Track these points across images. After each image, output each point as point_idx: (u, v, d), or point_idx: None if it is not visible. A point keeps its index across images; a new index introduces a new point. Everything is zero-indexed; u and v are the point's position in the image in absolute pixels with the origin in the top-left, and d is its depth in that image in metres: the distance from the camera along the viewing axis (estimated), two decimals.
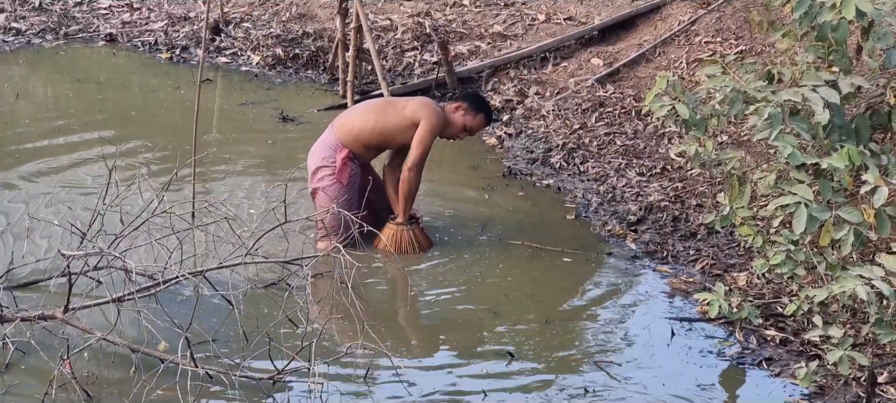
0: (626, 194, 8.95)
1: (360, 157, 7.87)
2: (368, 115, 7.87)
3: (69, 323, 6.25)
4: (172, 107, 11.18)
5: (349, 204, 7.62)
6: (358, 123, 7.83)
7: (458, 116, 7.89)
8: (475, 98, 8.14)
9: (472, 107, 7.92)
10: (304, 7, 13.26)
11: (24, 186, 8.80)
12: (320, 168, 7.82)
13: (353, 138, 7.81)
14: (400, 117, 7.78)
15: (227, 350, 6.37)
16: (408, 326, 7.25)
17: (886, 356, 6.44)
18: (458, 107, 7.90)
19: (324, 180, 7.80)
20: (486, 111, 8.03)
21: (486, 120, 8.04)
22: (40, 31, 13.38)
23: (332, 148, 7.81)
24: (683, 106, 6.40)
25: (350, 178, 7.80)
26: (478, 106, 7.97)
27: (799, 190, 5.90)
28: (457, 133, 7.95)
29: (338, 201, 7.57)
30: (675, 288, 7.55)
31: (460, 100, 8.01)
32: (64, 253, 6.24)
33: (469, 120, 7.91)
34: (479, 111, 7.94)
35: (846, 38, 6.25)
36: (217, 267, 6.52)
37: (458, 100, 8.03)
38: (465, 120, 7.90)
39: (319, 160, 7.83)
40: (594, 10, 12.29)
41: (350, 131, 7.82)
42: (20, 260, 7.25)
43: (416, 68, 11.93)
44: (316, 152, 7.90)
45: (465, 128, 7.94)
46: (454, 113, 7.88)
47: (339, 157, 7.77)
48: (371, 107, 8.02)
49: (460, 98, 8.11)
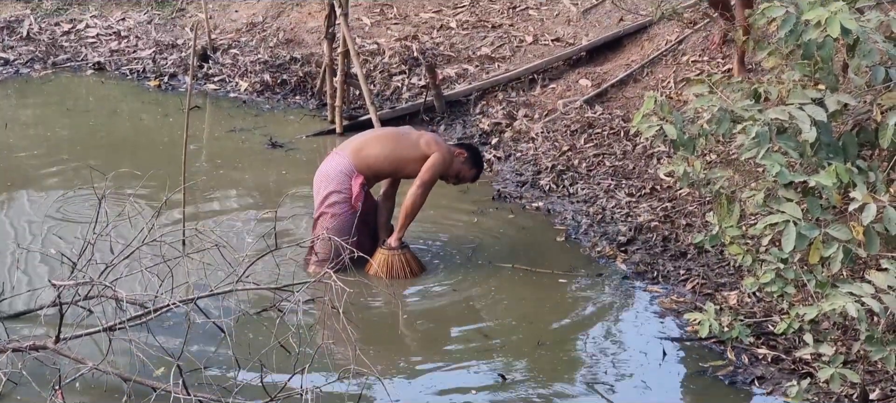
0: (615, 215, 8.96)
1: (369, 184, 7.94)
2: (386, 144, 7.96)
3: (61, 353, 6.24)
4: (161, 135, 11.18)
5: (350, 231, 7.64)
6: (373, 150, 7.90)
7: (458, 163, 8.03)
8: (476, 153, 8.30)
9: (471, 160, 8.11)
10: (292, 32, 13.27)
11: (14, 216, 8.79)
12: (333, 193, 7.81)
13: (367, 165, 7.86)
14: (414, 148, 7.88)
15: (219, 374, 6.37)
16: (400, 350, 7.24)
17: (878, 372, 6.45)
18: (461, 154, 8.05)
19: (335, 206, 7.81)
20: (480, 168, 8.26)
21: (476, 176, 8.24)
22: (29, 60, 13.37)
23: (347, 174, 7.82)
24: (671, 126, 6.41)
25: (363, 206, 7.85)
26: (475, 161, 8.16)
27: (787, 208, 5.92)
28: (453, 175, 8.08)
29: (344, 227, 7.66)
30: (666, 307, 7.56)
31: (464, 148, 8.18)
32: (55, 283, 6.23)
33: (464, 170, 8.08)
34: (474, 166, 8.13)
35: (832, 55, 6.26)
36: (208, 295, 6.51)
37: (463, 147, 8.21)
38: (461, 168, 8.05)
39: (334, 185, 7.82)
40: (582, 31, 12.33)
41: (366, 158, 7.86)
42: (10, 290, 7.23)
43: (405, 92, 11.95)
44: (328, 177, 7.87)
45: (458, 176, 8.08)
46: (456, 157, 8.01)
47: (355, 184, 7.80)
48: (387, 136, 8.13)
49: (465, 147, 8.26)
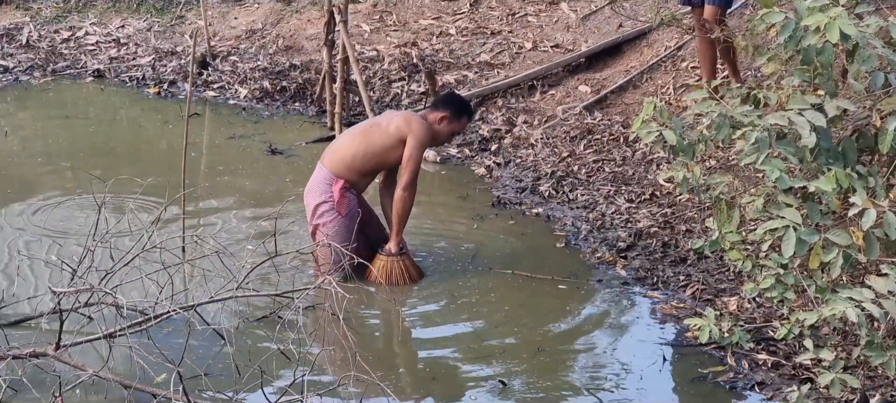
0: (615, 221, 8.97)
1: (356, 186, 7.83)
2: (354, 141, 7.84)
3: (61, 360, 6.24)
4: (161, 142, 11.19)
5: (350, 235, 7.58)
6: (347, 151, 7.79)
7: (444, 126, 7.91)
8: (453, 103, 8.10)
9: (454, 113, 7.94)
10: (291, 39, 13.29)
11: (14, 223, 8.79)
12: (319, 204, 7.74)
13: (345, 167, 7.76)
14: (386, 136, 7.76)
15: (220, 380, 6.37)
16: (400, 356, 7.25)
17: (878, 378, 6.45)
18: (442, 117, 7.90)
19: (324, 216, 7.74)
20: (468, 111, 8.12)
21: (469, 118, 8.14)
22: (28, 68, 13.39)
23: (328, 182, 7.75)
24: (671, 131, 6.41)
25: (349, 210, 7.74)
26: (459, 110, 7.99)
27: (787, 213, 5.92)
28: (445, 140, 8.00)
29: (339, 235, 7.58)
30: (666, 313, 7.56)
31: (441, 108, 7.98)
32: (55, 290, 6.23)
33: (453, 126, 7.95)
34: (461, 115, 7.98)
35: (831, 61, 6.26)
36: (208, 302, 6.51)
37: (439, 108, 8.00)
38: (451, 127, 7.94)
39: (318, 197, 7.76)
40: (581, 38, 12.33)
41: (342, 160, 7.77)
42: (10, 297, 7.24)
43: (404, 98, 11.95)
44: (312, 191, 7.82)
45: (451, 135, 8.03)
46: (439, 124, 7.90)
47: (335, 189, 7.71)
48: (355, 133, 7.98)
49: (440, 106, 8.04)
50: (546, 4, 13.00)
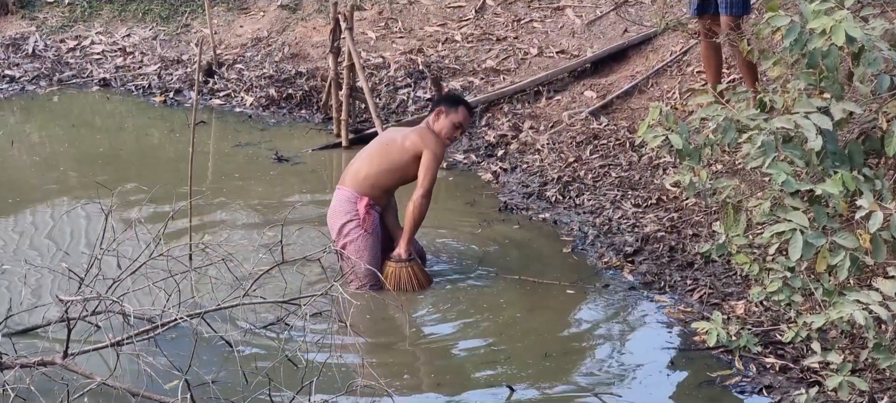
0: (622, 226, 8.96)
1: (378, 202, 7.94)
2: (374, 160, 7.95)
3: (69, 369, 6.24)
4: (167, 150, 11.20)
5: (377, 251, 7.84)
6: (370, 170, 7.90)
7: (443, 121, 7.95)
8: (445, 98, 8.25)
9: (448, 106, 8.00)
10: (297, 47, 13.30)
11: (22, 232, 8.81)
12: (345, 224, 7.84)
13: (369, 185, 7.87)
14: (403, 152, 7.87)
15: (228, 385, 6.37)
16: (407, 362, 7.24)
17: (886, 380, 6.44)
18: (438, 113, 7.97)
19: (350, 234, 7.83)
20: (463, 102, 8.15)
21: (467, 108, 8.13)
22: (34, 77, 13.42)
23: (351, 201, 7.84)
24: (677, 136, 6.42)
25: (374, 226, 7.87)
26: (452, 102, 8.07)
27: (794, 217, 5.91)
28: (450, 135, 8.02)
29: (368, 250, 7.79)
30: (674, 317, 7.55)
31: (435, 107, 8.07)
32: (62, 299, 6.24)
33: (454, 118, 7.95)
34: (455, 105, 8.02)
35: (837, 64, 6.26)
36: (216, 309, 6.51)
37: (433, 108, 8.08)
38: (450, 118, 7.95)
39: (343, 217, 7.85)
40: (586, 43, 12.34)
41: (365, 179, 7.88)
42: (18, 306, 7.24)
43: (410, 105, 11.97)
44: (336, 212, 7.91)
45: (456, 127, 8.00)
46: (437, 122, 7.96)
47: (361, 206, 7.82)
48: (372, 151, 8.06)
49: (434, 106, 8.12)
50: (551, 10, 13.02)
